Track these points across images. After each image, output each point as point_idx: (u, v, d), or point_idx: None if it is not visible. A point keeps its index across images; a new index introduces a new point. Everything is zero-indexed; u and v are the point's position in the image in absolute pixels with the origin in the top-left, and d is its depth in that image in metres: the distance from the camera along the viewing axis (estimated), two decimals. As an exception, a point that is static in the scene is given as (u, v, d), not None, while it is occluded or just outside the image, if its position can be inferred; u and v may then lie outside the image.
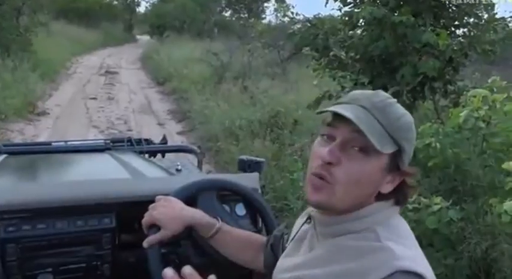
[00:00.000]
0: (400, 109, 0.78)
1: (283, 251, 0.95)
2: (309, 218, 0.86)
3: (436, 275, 2.24)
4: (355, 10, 4.10)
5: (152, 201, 1.08)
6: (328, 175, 0.76)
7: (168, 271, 0.74)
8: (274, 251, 1.00)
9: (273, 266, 0.93)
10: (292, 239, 0.91)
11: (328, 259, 0.77)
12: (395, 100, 0.80)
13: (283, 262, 0.89)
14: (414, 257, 0.73)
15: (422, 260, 0.75)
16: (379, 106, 0.76)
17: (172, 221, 1.02)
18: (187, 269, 0.74)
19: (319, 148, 0.78)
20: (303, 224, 0.90)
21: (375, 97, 0.78)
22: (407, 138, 0.77)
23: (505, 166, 2.07)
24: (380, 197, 0.79)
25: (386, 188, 0.78)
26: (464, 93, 3.42)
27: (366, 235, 0.76)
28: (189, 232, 1.08)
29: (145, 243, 1.01)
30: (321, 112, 0.79)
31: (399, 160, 0.77)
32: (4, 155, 1.66)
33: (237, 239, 1.08)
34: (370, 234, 0.76)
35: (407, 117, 0.78)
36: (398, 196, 0.80)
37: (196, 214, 1.06)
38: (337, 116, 0.76)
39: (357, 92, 0.81)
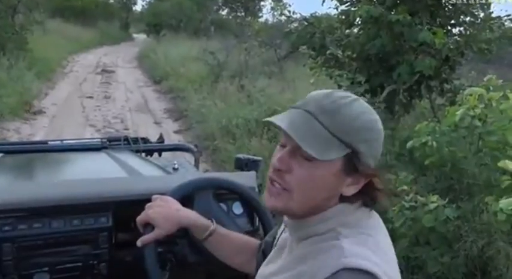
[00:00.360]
0: (358, 108, 0.74)
1: None
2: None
3: (433, 273, 2.24)
4: (352, 9, 4.10)
5: (149, 200, 1.07)
6: (282, 182, 0.76)
7: None
8: (265, 257, 0.98)
9: None
10: (276, 243, 0.92)
11: (295, 262, 0.78)
12: (354, 98, 0.75)
13: (263, 269, 0.88)
14: (367, 255, 0.70)
15: (382, 260, 0.72)
16: (329, 109, 0.73)
17: (167, 221, 1.02)
18: None
19: (274, 155, 0.79)
20: (282, 232, 0.91)
21: (326, 99, 0.74)
22: (364, 138, 0.73)
23: (500, 164, 2.08)
24: (344, 199, 0.77)
25: (349, 190, 0.76)
26: (461, 91, 3.43)
27: (328, 236, 0.75)
28: (184, 232, 1.08)
29: (139, 242, 1.02)
30: (267, 122, 0.77)
31: (356, 161, 0.74)
32: (0, 154, 1.66)
33: (231, 242, 1.07)
34: (332, 234, 0.75)
35: (367, 115, 0.75)
36: (364, 198, 0.78)
37: (191, 215, 1.06)
38: None
39: (312, 94, 0.78)
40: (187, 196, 1.14)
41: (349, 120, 0.73)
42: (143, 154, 1.92)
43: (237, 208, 1.31)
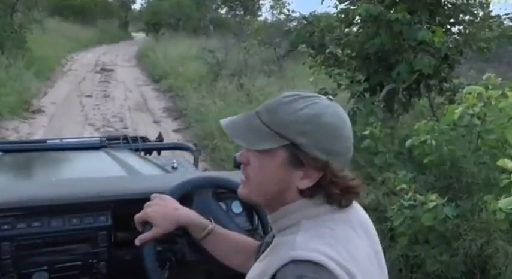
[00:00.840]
0: (297, 105, 0.79)
1: None
2: None
3: (432, 271, 2.24)
4: (351, 7, 4.10)
5: (148, 199, 1.07)
6: (245, 173, 0.86)
7: None
8: None
9: None
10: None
11: (263, 256, 0.83)
12: (301, 96, 0.81)
13: (252, 267, 0.89)
14: (316, 246, 0.72)
15: (335, 250, 0.73)
16: (270, 108, 0.81)
17: (165, 220, 1.02)
18: None
19: None
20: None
21: (273, 100, 0.83)
22: (301, 130, 0.77)
23: (499, 163, 2.08)
24: (303, 193, 0.81)
25: (303, 184, 0.79)
26: (460, 90, 3.43)
27: (291, 230, 0.79)
28: (183, 231, 1.08)
29: (137, 241, 1.02)
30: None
31: (300, 154, 0.78)
32: (-1, 153, 1.65)
33: (229, 242, 1.08)
34: (294, 228, 0.79)
35: (307, 109, 0.78)
36: (321, 192, 0.79)
37: (190, 214, 1.06)
38: None
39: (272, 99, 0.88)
40: (186, 195, 1.14)
41: (285, 115, 0.79)
42: (142, 153, 1.92)
43: (236, 207, 1.31)
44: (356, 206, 0.86)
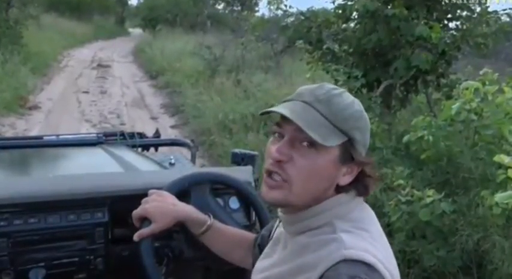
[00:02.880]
0: (347, 99, 0.77)
1: None
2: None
3: (429, 266, 2.25)
4: (349, 3, 4.09)
5: (145, 195, 1.07)
6: (283, 173, 0.76)
7: None
8: (261, 251, 0.99)
9: None
10: (271, 237, 0.92)
11: (292, 256, 0.78)
12: (343, 90, 0.79)
13: (260, 264, 0.89)
14: (365, 246, 0.72)
15: (379, 250, 0.73)
16: (323, 99, 0.76)
17: (164, 216, 1.02)
18: None
19: (271, 146, 0.79)
20: (277, 226, 0.91)
21: (319, 90, 0.77)
22: (357, 126, 0.76)
23: (496, 158, 2.09)
24: (339, 189, 0.79)
25: (344, 180, 0.78)
26: (457, 86, 3.43)
27: (325, 229, 0.76)
28: (181, 227, 1.08)
29: (135, 237, 1.02)
30: (264, 114, 0.79)
31: (352, 150, 0.77)
32: (-5, 150, 1.65)
33: (228, 237, 1.07)
34: (329, 228, 0.76)
35: (356, 105, 0.78)
36: (358, 186, 0.79)
37: (188, 210, 1.06)
38: (282, 115, 0.76)
39: (303, 88, 0.81)
40: (183, 191, 1.14)
41: (341, 108, 0.76)
42: (139, 149, 1.91)
43: (234, 203, 1.31)
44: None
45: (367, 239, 0.74)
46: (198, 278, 1.32)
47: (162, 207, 1.03)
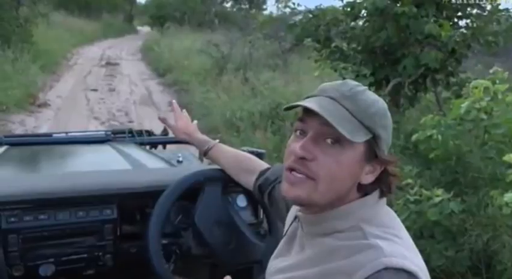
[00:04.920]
0: (372, 96, 0.77)
1: (269, 199, 1.07)
2: (296, 217, 0.85)
3: (437, 266, 2.23)
4: (357, 1, 4.06)
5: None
6: (307, 170, 0.74)
7: None
8: (261, 192, 1.11)
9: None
10: (284, 235, 0.90)
11: (319, 259, 0.76)
12: (366, 87, 0.78)
13: (275, 263, 0.87)
14: (403, 253, 0.70)
15: (414, 256, 0.73)
16: (348, 95, 0.74)
17: (183, 122, 1.37)
18: None
19: (293, 143, 0.77)
20: (291, 223, 0.88)
21: (343, 87, 0.76)
22: (382, 124, 0.75)
23: (506, 158, 2.06)
24: (361, 188, 0.77)
25: (367, 179, 0.76)
26: (467, 84, 3.40)
27: (353, 234, 0.74)
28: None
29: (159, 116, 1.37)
30: (289, 108, 0.77)
31: (376, 148, 0.75)
32: (5, 147, 1.66)
33: (232, 154, 1.23)
34: (357, 232, 0.74)
35: (380, 103, 0.77)
36: (381, 186, 0.77)
37: (197, 136, 1.32)
38: (306, 110, 0.75)
39: (326, 84, 0.79)
40: (198, 183, 1.16)
41: (367, 105, 0.75)
42: (147, 147, 1.92)
43: (241, 201, 1.31)
44: None
45: (402, 245, 0.72)
46: (206, 275, 1.33)
47: (187, 126, 1.37)
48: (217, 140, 1.26)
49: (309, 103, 0.74)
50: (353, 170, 0.75)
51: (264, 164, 1.18)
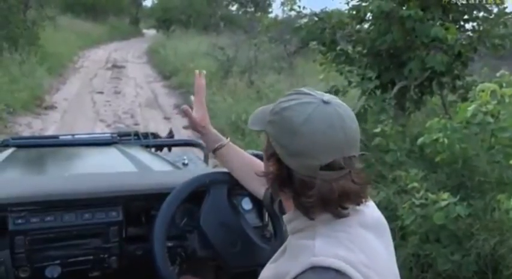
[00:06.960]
0: (290, 97, 0.80)
1: (280, 207, 1.03)
2: None
3: (443, 271, 2.21)
4: (363, 4, 4.06)
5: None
6: None
7: None
8: (272, 200, 1.09)
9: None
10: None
11: (278, 254, 0.82)
12: (303, 92, 0.80)
13: (267, 266, 0.89)
14: (336, 252, 0.71)
15: (354, 253, 0.72)
16: (275, 109, 0.81)
17: (201, 114, 1.25)
18: None
19: None
20: None
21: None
22: (272, 120, 0.79)
23: (513, 161, 2.05)
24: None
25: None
26: (473, 88, 3.38)
27: (307, 233, 0.77)
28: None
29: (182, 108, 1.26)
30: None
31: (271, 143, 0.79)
32: (12, 149, 1.68)
33: (242, 158, 1.19)
34: (310, 232, 0.76)
35: (282, 103, 0.79)
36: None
37: (211, 130, 1.24)
38: None
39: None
40: (203, 186, 1.16)
41: (275, 104, 0.83)
42: (153, 149, 1.93)
43: (247, 204, 1.31)
44: (371, 204, 0.84)
45: (343, 242, 0.74)
46: (211, 277, 1.33)
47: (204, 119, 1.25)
48: (228, 139, 1.23)
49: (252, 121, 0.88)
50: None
51: None
